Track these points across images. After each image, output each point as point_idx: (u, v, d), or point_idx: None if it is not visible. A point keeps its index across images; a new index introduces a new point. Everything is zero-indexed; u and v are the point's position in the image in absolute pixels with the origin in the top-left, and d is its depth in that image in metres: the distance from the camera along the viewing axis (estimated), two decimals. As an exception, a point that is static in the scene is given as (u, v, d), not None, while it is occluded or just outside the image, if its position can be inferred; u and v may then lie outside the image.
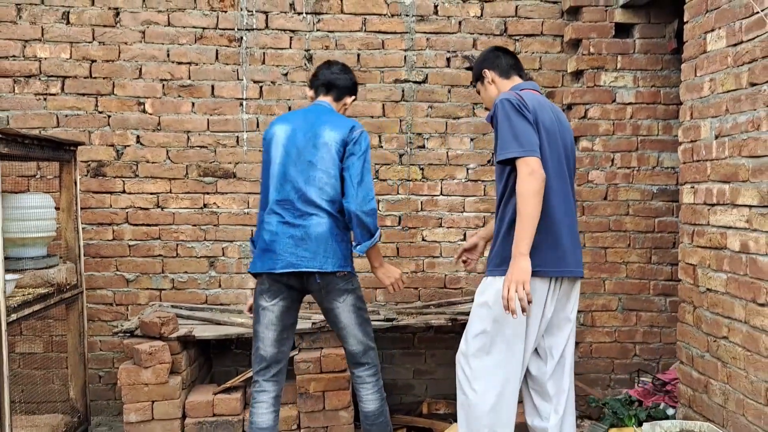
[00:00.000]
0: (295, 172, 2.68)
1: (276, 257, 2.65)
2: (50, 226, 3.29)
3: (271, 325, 2.72)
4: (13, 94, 3.83)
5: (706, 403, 2.99)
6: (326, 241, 2.64)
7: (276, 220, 2.68)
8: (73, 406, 3.51)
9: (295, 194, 2.67)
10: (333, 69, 2.91)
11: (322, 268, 2.63)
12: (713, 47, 2.92)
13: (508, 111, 2.40)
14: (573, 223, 2.56)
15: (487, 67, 2.70)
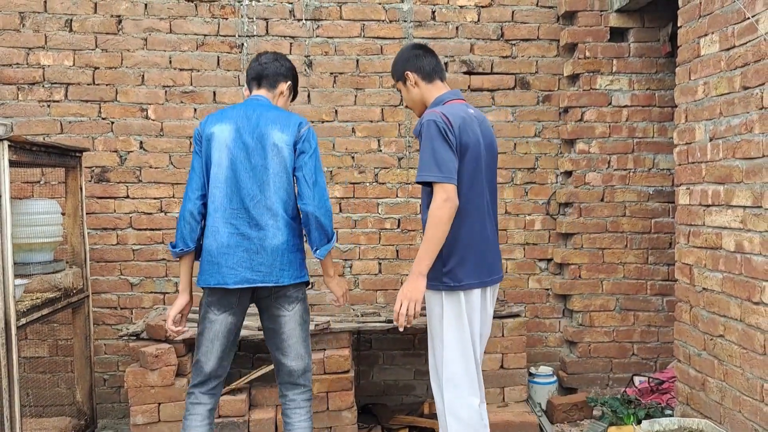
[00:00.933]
0: (246, 178, 2.49)
1: (229, 272, 2.47)
2: (57, 231, 3.33)
3: (216, 339, 2.54)
4: (17, 101, 3.88)
5: (704, 400, 3.05)
6: (282, 253, 2.49)
7: (227, 231, 2.49)
8: (79, 409, 3.55)
9: (250, 201, 2.48)
10: (261, 59, 2.72)
11: (278, 282, 2.49)
12: (707, 51, 2.99)
13: (432, 135, 2.44)
14: (494, 234, 2.65)
15: (410, 69, 2.67)
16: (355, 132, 4.10)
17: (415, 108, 2.76)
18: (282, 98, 2.73)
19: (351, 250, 4.11)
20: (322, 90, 4.06)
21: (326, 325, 3.48)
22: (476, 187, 2.54)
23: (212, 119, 2.60)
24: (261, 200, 2.49)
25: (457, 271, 2.50)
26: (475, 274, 2.54)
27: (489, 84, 4.13)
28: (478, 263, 2.55)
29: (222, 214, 2.50)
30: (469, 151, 2.51)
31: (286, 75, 2.72)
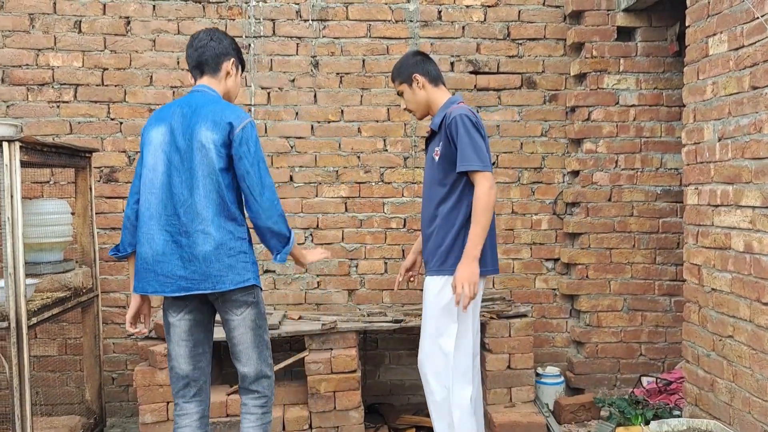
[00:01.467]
0: (179, 182, 2.37)
1: (165, 280, 2.38)
2: (67, 231, 3.36)
3: (182, 341, 2.47)
4: (26, 101, 3.90)
5: (713, 401, 3.04)
6: (216, 259, 2.36)
7: (163, 239, 2.39)
8: (88, 408, 3.57)
9: (181, 207, 2.36)
10: (195, 43, 2.52)
11: (215, 288, 2.37)
12: (715, 51, 2.98)
13: (468, 127, 2.67)
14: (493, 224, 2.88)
15: (418, 72, 2.85)
16: (361, 132, 4.11)
17: (417, 110, 2.94)
18: (230, 78, 2.56)
19: (357, 249, 4.12)
20: (328, 90, 4.07)
21: (333, 324, 3.49)
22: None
23: (152, 120, 2.50)
24: (191, 205, 2.36)
25: (486, 255, 2.75)
26: (494, 260, 2.84)
27: (495, 83, 4.13)
28: (494, 251, 2.84)
29: (157, 221, 2.40)
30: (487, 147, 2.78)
31: (226, 53, 2.53)
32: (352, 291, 4.13)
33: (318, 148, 4.08)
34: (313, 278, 4.11)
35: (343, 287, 4.13)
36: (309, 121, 4.07)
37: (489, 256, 2.79)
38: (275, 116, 4.05)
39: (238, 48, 2.61)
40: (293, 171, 4.07)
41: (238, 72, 2.60)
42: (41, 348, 3.87)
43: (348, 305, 4.12)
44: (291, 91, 4.06)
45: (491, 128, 4.12)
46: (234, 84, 2.59)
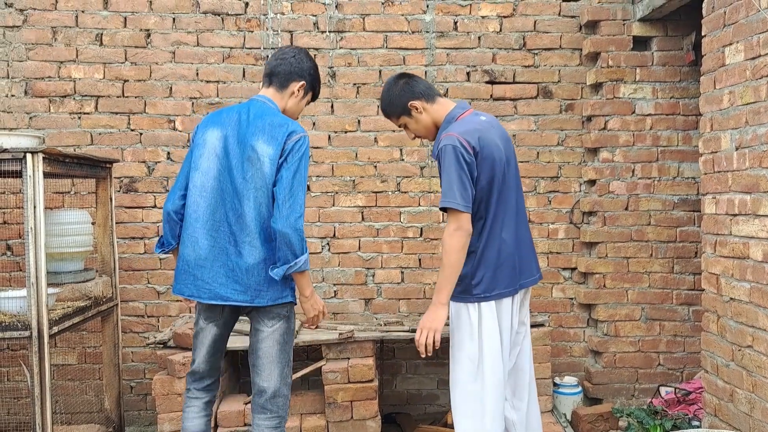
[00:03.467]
0: (231, 191, 2.40)
1: (204, 285, 2.42)
2: (87, 241, 3.40)
3: (203, 346, 2.56)
4: (48, 113, 3.97)
5: (732, 411, 3.01)
6: (258, 272, 2.38)
7: (208, 244, 2.41)
8: (107, 417, 3.60)
9: (233, 215, 2.39)
10: (277, 55, 2.57)
11: (253, 302, 2.40)
12: (731, 60, 2.97)
13: (449, 161, 2.44)
14: (525, 238, 2.67)
15: (412, 99, 2.61)
16: (378, 141, 4.13)
17: (428, 134, 2.71)
18: (293, 99, 2.57)
19: (373, 258, 4.14)
20: (345, 100, 4.10)
21: (350, 334, 3.50)
22: (505, 193, 2.58)
23: (208, 122, 2.54)
24: (241, 215, 2.39)
25: (482, 281, 2.53)
26: (498, 283, 2.55)
27: (511, 93, 4.14)
28: (502, 273, 2.56)
29: (203, 225, 2.42)
30: (493, 160, 2.53)
31: (300, 74, 2.55)
32: (368, 300, 4.15)
33: (335, 158, 4.11)
34: (330, 287, 4.13)
35: (360, 296, 4.15)
36: (326, 131, 4.10)
37: (488, 281, 2.53)
38: (292, 127, 4.08)
39: (316, 77, 2.63)
40: (310, 180, 4.10)
41: (304, 97, 2.61)
42: (61, 357, 3.92)
43: (365, 314, 4.13)
44: (308, 101, 4.09)
45: (507, 138, 4.13)
46: (294, 104, 2.59)
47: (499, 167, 2.54)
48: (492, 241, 2.54)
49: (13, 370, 3.92)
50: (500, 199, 2.56)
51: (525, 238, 2.68)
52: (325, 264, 4.12)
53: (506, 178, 2.59)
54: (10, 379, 3.93)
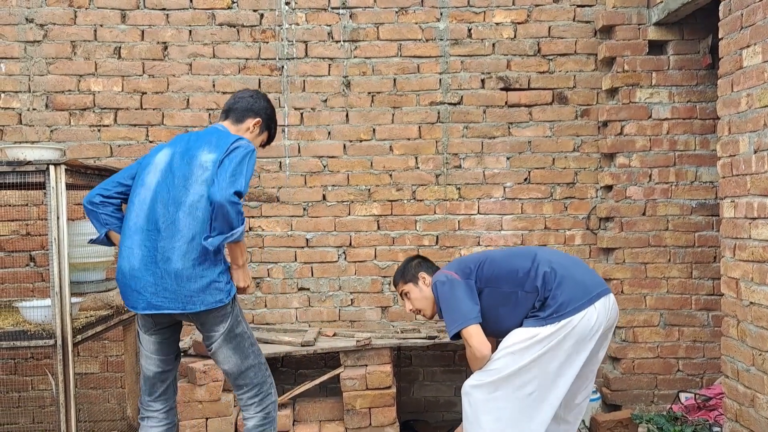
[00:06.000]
0: (168, 199, 2.44)
1: (137, 296, 2.44)
2: (109, 251, 3.44)
3: (151, 354, 2.61)
4: (69, 126, 4.04)
5: (753, 416, 2.99)
6: (189, 278, 2.39)
7: (141, 254, 2.44)
8: (130, 424, 3.64)
9: (165, 223, 2.42)
10: (237, 94, 2.75)
11: (185, 309, 2.41)
12: (749, 63, 2.96)
13: (443, 294, 2.82)
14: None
15: (423, 271, 3.03)
16: (393, 150, 4.15)
17: (427, 308, 3.02)
18: (248, 134, 2.67)
19: (389, 267, 4.15)
20: (360, 109, 4.13)
21: (368, 341, 3.52)
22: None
23: (161, 145, 2.65)
24: (174, 221, 2.40)
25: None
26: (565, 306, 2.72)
27: (526, 99, 4.14)
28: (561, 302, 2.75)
29: (140, 236, 2.45)
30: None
31: (257, 111, 2.69)
32: (385, 308, 4.16)
33: (350, 167, 4.14)
34: (346, 296, 4.15)
35: (377, 304, 4.16)
36: (341, 140, 4.13)
37: (557, 303, 2.70)
38: (308, 136, 4.12)
39: (272, 117, 2.77)
40: (326, 190, 4.13)
41: (259, 134, 2.73)
42: (84, 365, 3.97)
43: (381, 322, 4.14)
44: (323, 111, 4.13)
45: (523, 144, 4.14)
46: (251, 139, 2.68)
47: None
48: None
49: (37, 380, 3.98)
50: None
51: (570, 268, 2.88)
52: (342, 273, 4.14)
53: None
54: (35, 387, 3.98)
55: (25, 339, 2.87)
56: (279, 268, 4.13)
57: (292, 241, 4.12)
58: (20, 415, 3.97)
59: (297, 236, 4.12)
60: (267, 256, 4.12)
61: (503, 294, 2.78)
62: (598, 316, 2.70)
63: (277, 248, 4.13)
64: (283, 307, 4.13)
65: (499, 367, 2.69)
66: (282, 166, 4.12)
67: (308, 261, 4.14)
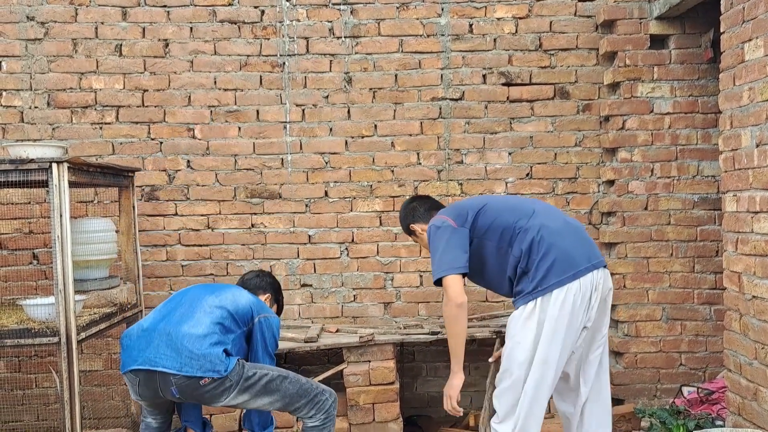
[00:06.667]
0: (187, 306, 2.76)
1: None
2: (112, 248, 3.46)
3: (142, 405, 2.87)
4: (71, 123, 4.04)
5: (756, 410, 2.99)
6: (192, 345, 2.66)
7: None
8: (134, 421, 3.65)
9: (181, 308, 2.75)
10: (246, 275, 3.15)
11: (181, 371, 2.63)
12: (751, 57, 2.96)
13: (431, 237, 2.86)
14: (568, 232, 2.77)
15: (412, 222, 3.15)
16: (395, 146, 4.15)
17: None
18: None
19: (392, 263, 4.15)
20: (361, 106, 4.13)
21: (371, 337, 3.52)
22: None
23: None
24: (189, 314, 2.70)
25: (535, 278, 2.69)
26: (551, 275, 2.67)
27: (528, 95, 4.14)
28: (548, 268, 2.68)
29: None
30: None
31: (264, 288, 3.06)
32: (388, 304, 4.17)
33: (352, 163, 4.14)
34: (349, 292, 4.16)
35: (379, 300, 4.16)
36: (343, 136, 4.13)
37: (539, 276, 2.65)
38: (310, 133, 4.12)
39: (277, 290, 3.14)
40: (328, 186, 4.13)
41: (272, 305, 3.08)
42: (87, 363, 3.98)
43: (384, 318, 4.15)
44: (325, 107, 4.13)
45: (524, 140, 4.14)
46: None
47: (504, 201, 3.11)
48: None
49: (40, 377, 3.99)
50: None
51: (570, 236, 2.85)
52: (344, 269, 4.15)
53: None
54: (39, 385, 4.00)
55: (29, 336, 2.88)
56: (281, 264, 4.14)
57: (295, 237, 4.13)
58: (24, 412, 3.98)
59: (299, 233, 4.13)
60: (269, 253, 4.13)
61: (492, 248, 2.77)
62: (583, 291, 2.64)
63: (280, 245, 4.14)
64: (286, 303, 4.12)
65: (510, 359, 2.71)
66: (284, 162, 4.13)
67: (311, 257, 4.14)
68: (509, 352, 2.70)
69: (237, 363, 2.58)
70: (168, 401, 2.76)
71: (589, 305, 2.68)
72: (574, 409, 2.84)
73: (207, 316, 2.63)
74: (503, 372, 2.73)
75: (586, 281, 2.66)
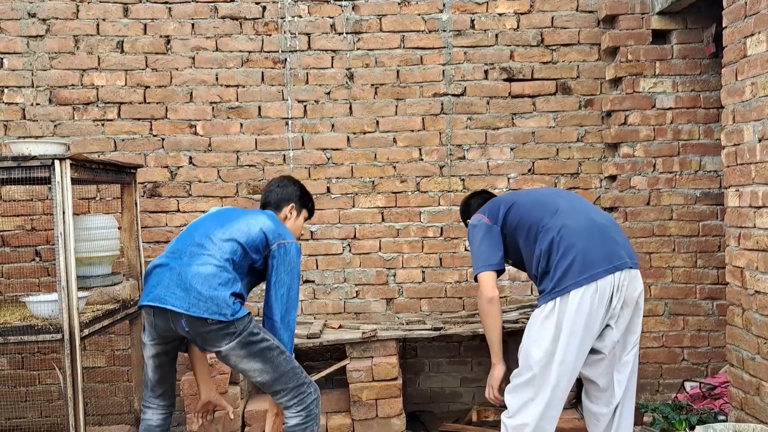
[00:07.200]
0: (206, 227, 2.68)
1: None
2: (114, 245, 3.46)
3: (149, 359, 2.73)
4: (73, 120, 4.04)
5: (759, 405, 2.99)
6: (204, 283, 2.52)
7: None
8: (137, 418, 3.65)
9: (200, 237, 2.65)
10: (269, 187, 2.98)
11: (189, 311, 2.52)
12: (753, 51, 2.95)
13: (469, 235, 3.03)
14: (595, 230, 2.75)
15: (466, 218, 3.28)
16: (397, 142, 4.15)
17: None
18: (288, 221, 2.91)
19: (394, 258, 4.16)
20: (363, 102, 4.13)
21: (373, 333, 3.53)
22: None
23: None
24: (204, 243, 2.61)
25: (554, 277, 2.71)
26: (573, 275, 2.66)
27: (530, 90, 4.14)
28: (570, 269, 2.67)
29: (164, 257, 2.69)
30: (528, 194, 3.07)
31: (288, 199, 2.93)
32: (390, 300, 4.17)
33: (354, 159, 4.14)
34: (351, 288, 4.16)
35: (382, 296, 4.17)
36: (345, 132, 4.13)
37: (558, 276, 2.65)
38: (312, 129, 4.12)
39: (302, 195, 2.98)
40: (330, 182, 4.14)
41: (298, 216, 2.96)
42: (90, 360, 3.99)
43: (386, 314, 4.15)
44: (327, 103, 4.13)
45: (526, 135, 4.14)
46: (291, 225, 2.91)
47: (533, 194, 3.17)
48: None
49: (44, 374, 4.00)
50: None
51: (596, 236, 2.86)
52: (347, 265, 4.15)
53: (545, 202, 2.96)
54: (42, 382, 4.01)
55: (32, 333, 2.89)
56: (284, 260, 4.13)
57: (297, 233, 4.13)
58: (28, 409, 3.99)
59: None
60: (272, 249, 4.13)
61: (522, 243, 2.85)
62: (601, 293, 2.61)
63: (282, 241, 4.13)
64: (289, 299, 4.14)
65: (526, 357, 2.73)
66: (286, 158, 4.12)
67: (313, 253, 4.15)
68: (526, 350, 2.71)
69: (247, 316, 2.53)
70: (175, 349, 2.73)
71: (610, 306, 2.66)
72: (607, 409, 2.81)
73: (217, 252, 2.56)
74: (518, 368, 2.74)
75: (605, 283, 2.62)
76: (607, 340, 2.72)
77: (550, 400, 2.64)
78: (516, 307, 4.03)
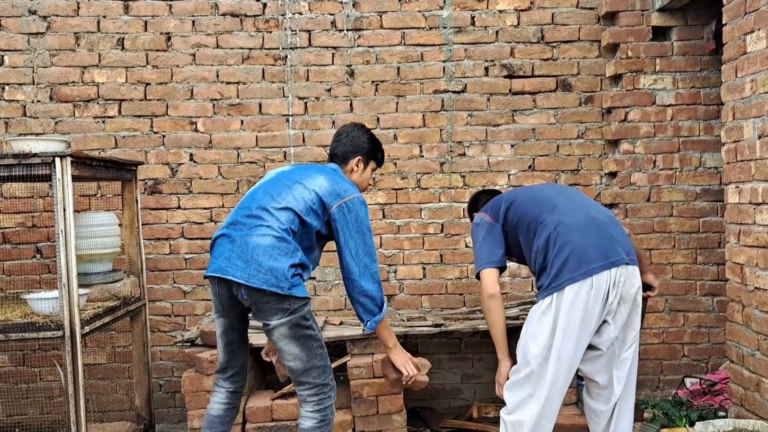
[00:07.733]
0: (267, 189, 2.67)
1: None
2: (115, 242, 3.47)
3: (219, 336, 2.73)
4: (73, 117, 4.05)
5: (759, 401, 3.00)
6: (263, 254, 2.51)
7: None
8: (138, 414, 3.67)
9: (256, 205, 2.62)
10: (337, 137, 2.90)
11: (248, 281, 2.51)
12: (753, 48, 2.95)
13: (472, 234, 3.05)
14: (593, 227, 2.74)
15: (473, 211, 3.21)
16: (397, 138, 4.16)
17: None
18: (354, 174, 2.85)
19: (395, 255, 4.16)
20: (364, 98, 4.13)
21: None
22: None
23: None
24: (265, 207, 2.60)
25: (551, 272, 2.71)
26: (570, 270, 2.66)
27: (530, 87, 4.14)
28: (567, 263, 2.67)
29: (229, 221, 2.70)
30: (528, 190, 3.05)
31: (355, 150, 2.84)
32: (391, 296, 4.18)
33: (354, 156, 4.13)
34: (352, 284, 4.16)
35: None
36: (345, 129, 4.13)
37: (554, 273, 2.66)
38: (312, 126, 4.13)
39: (372, 147, 2.89)
40: (331, 179, 4.13)
41: (363, 168, 2.88)
42: (91, 356, 4.00)
43: (387, 310, 4.15)
44: (327, 100, 4.13)
45: (527, 132, 4.14)
46: (357, 178, 2.86)
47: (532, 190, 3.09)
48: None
49: (45, 371, 4.01)
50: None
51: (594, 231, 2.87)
52: (348, 261, 4.15)
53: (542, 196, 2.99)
54: (43, 379, 4.02)
55: (33, 330, 2.90)
56: (284, 257, 4.14)
57: (297, 230, 4.13)
58: (29, 406, 4.01)
59: (302, 226, 4.13)
60: (272, 246, 4.13)
61: (523, 240, 2.86)
62: (596, 289, 2.61)
63: (283, 238, 4.14)
64: (289, 296, 4.14)
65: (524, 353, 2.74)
66: (287, 155, 4.13)
67: (313, 250, 4.15)
68: (523, 346, 2.71)
69: (304, 299, 2.53)
70: (243, 325, 2.73)
71: (606, 302, 2.65)
72: (607, 406, 2.81)
73: (275, 222, 2.53)
74: (516, 365, 2.74)
75: (601, 279, 2.62)
76: (604, 336, 2.72)
77: (548, 397, 2.64)
78: (516, 303, 4.03)
